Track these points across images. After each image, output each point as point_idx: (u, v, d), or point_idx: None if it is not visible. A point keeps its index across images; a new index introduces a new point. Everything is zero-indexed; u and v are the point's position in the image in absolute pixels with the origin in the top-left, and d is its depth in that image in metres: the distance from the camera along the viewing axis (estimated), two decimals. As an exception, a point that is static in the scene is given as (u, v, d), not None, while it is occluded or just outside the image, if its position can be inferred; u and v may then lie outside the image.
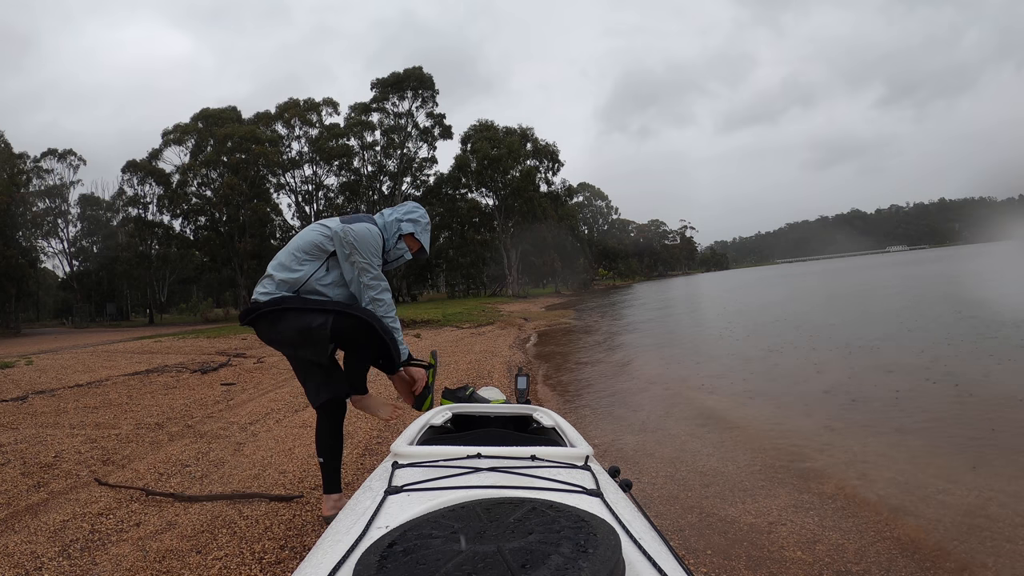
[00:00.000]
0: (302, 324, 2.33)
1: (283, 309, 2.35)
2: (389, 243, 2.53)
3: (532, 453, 1.35)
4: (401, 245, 2.58)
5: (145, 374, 9.11)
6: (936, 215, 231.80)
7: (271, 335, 2.42)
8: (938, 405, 4.79)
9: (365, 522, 0.94)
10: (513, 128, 47.90)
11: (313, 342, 2.35)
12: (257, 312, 2.38)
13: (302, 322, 2.33)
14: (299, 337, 2.35)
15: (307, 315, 2.33)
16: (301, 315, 2.34)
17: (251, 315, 2.41)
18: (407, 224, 2.57)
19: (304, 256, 2.41)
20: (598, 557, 0.68)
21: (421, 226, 2.60)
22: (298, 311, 2.34)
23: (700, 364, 8.04)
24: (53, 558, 2.47)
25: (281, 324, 2.36)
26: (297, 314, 2.34)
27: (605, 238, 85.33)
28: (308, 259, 2.41)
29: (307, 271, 2.39)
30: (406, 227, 2.56)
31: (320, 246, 2.41)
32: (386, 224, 2.55)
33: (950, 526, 2.63)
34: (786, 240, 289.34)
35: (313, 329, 2.31)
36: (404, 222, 2.57)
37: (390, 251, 2.55)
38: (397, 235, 2.55)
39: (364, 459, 3.85)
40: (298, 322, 2.33)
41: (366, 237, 2.39)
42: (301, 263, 2.40)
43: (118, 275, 45.29)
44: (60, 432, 4.95)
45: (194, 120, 41.87)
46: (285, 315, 2.35)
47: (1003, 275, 21.89)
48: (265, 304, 2.37)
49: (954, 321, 9.68)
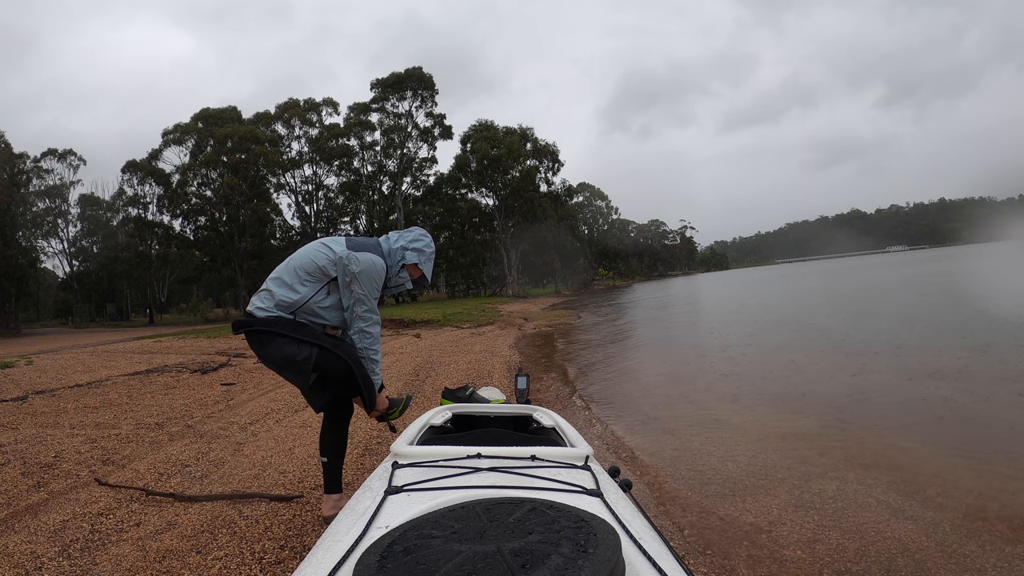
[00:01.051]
0: (287, 353, 2.35)
1: (273, 333, 2.36)
2: (391, 271, 2.52)
3: (532, 453, 1.35)
4: (403, 275, 2.57)
5: (145, 374, 9.10)
6: (936, 215, 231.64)
7: (260, 352, 2.44)
8: (941, 407, 4.79)
9: (365, 522, 0.94)
10: (513, 128, 47.90)
11: (296, 371, 2.40)
12: (249, 327, 2.40)
13: (288, 351, 2.35)
14: (284, 363, 2.39)
15: (294, 345, 2.34)
16: (288, 344, 2.35)
17: (242, 328, 2.42)
18: (412, 254, 2.55)
19: (306, 277, 2.40)
20: (598, 557, 0.68)
21: (426, 256, 2.59)
22: (287, 339, 2.35)
23: (700, 364, 8.04)
24: (53, 558, 2.47)
25: (270, 347, 2.38)
26: (285, 341, 2.35)
27: (605, 238, 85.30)
28: (309, 280, 2.40)
29: (306, 293, 2.39)
30: (411, 256, 2.55)
31: (324, 270, 2.41)
32: (391, 251, 2.53)
33: (950, 528, 2.63)
34: (786, 240, 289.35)
35: (298, 361, 2.35)
36: (409, 251, 2.55)
37: (391, 279, 2.54)
38: (400, 264, 2.54)
39: (364, 459, 3.85)
40: (285, 350, 2.35)
41: (369, 270, 2.39)
42: (303, 283, 2.40)
43: (118, 275, 45.30)
44: (60, 432, 4.95)
45: (194, 120, 41.85)
46: (274, 339, 2.36)
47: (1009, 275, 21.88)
48: (258, 321, 2.38)
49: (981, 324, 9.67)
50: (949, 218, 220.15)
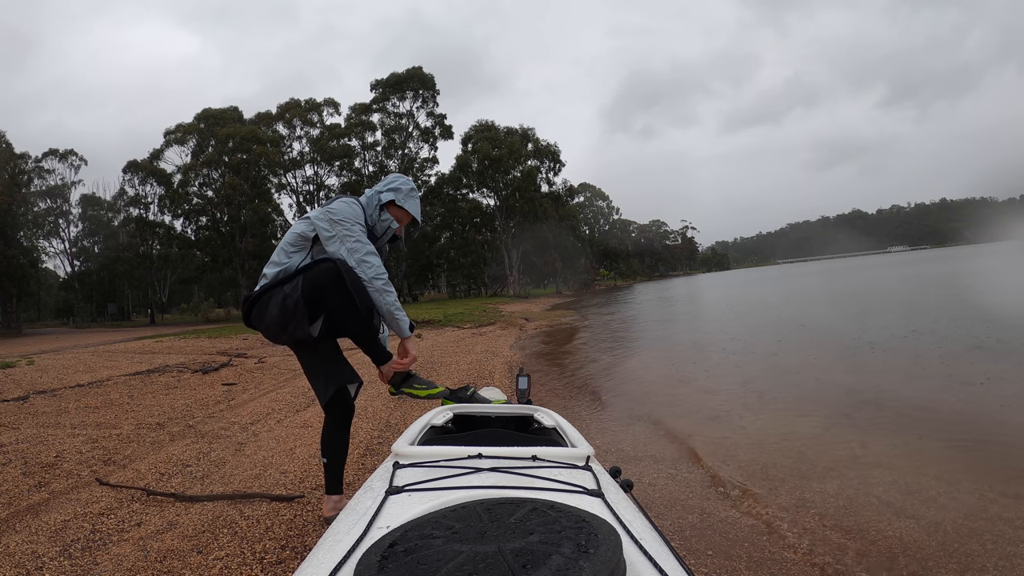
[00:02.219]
0: (279, 298, 2.28)
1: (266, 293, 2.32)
2: (372, 217, 2.48)
3: (533, 453, 1.35)
4: (386, 216, 2.51)
5: (146, 374, 9.11)
6: (937, 215, 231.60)
7: (266, 326, 2.36)
8: (943, 406, 4.78)
9: (366, 522, 0.94)
10: (514, 128, 47.96)
11: (292, 314, 2.25)
12: (252, 304, 2.37)
13: (279, 296, 2.28)
14: (280, 314, 2.28)
15: (280, 287, 2.30)
16: (277, 290, 2.30)
17: (247, 306, 2.39)
18: (387, 193, 2.50)
19: (291, 248, 2.40)
20: (599, 557, 0.68)
21: (403, 193, 2.52)
22: (275, 287, 2.31)
23: (702, 364, 8.03)
24: (54, 558, 2.47)
25: (268, 308, 2.32)
26: (275, 291, 2.31)
27: (606, 238, 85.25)
28: (294, 250, 2.40)
29: (294, 261, 2.37)
30: (386, 196, 2.50)
31: (303, 235, 2.39)
32: (368, 198, 2.51)
33: (951, 527, 2.63)
34: (787, 240, 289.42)
35: (286, 296, 2.26)
36: (384, 192, 2.51)
37: (376, 225, 2.50)
38: (378, 206, 2.50)
39: (365, 459, 3.85)
40: (276, 298, 2.29)
41: (342, 208, 2.36)
42: (289, 255, 2.39)
43: (119, 275, 45.36)
44: (61, 432, 4.95)
45: (196, 120, 41.94)
46: (271, 298, 2.31)
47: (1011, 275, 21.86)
48: (253, 295, 2.37)
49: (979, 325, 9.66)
50: (950, 218, 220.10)
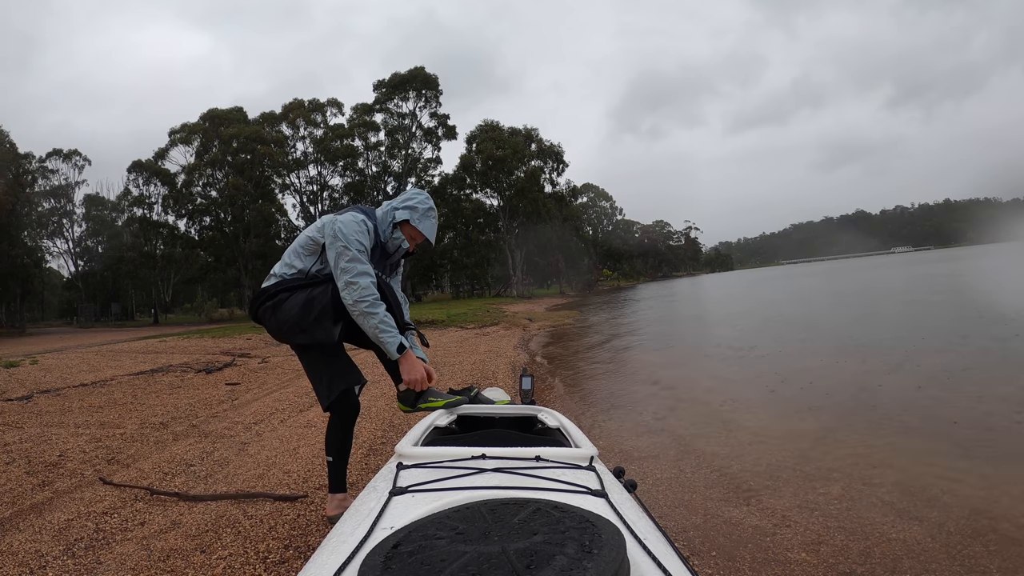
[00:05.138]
0: (305, 298, 2.28)
1: (287, 290, 2.33)
2: (384, 233, 2.44)
3: (537, 454, 1.35)
4: (398, 235, 2.46)
5: (150, 374, 9.13)
6: (941, 216, 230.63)
7: (277, 322, 2.35)
8: (947, 408, 4.76)
9: (370, 523, 0.94)
10: (518, 128, 47.99)
11: (317, 317, 2.26)
12: (263, 298, 2.37)
13: (304, 296, 2.29)
14: (302, 314, 2.27)
15: (308, 288, 2.31)
16: (303, 289, 2.31)
17: (257, 302, 2.39)
18: (403, 211, 2.44)
19: (303, 252, 2.40)
20: (603, 558, 0.68)
21: (419, 213, 2.43)
22: (301, 287, 2.32)
23: (704, 364, 8.02)
24: (57, 557, 2.48)
25: (286, 305, 2.31)
26: (300, 290, 2.31)
27: (610, 239, 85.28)
28: (306, 255, 2.40)
29: (306, 265, 2.38)
30: (401, 215, 2.43)
31: (314, 240, 2.39)
32: (383, 214, 2.46)
33: (955, 529, 2.62)
34: (791, 241, 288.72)
35: (315, 297, 2.27)
36: (400, 209, 2.44)
37: (388, 242, 2.46)
38: (391, 224, 2.45)
39: (368, 459, 3.85)
40: (301, 296, 2.29)
41: (347, 223, 2.30)
42: (301, 259, 2.40)
43: (123, 275, 45.46)
44: (65, 431, 4.97)
45: (201, 120, 42.03)
46: (291, 296, 2.31)
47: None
48: (263, 291, 2.37)
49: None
50: (954, 219, 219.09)
